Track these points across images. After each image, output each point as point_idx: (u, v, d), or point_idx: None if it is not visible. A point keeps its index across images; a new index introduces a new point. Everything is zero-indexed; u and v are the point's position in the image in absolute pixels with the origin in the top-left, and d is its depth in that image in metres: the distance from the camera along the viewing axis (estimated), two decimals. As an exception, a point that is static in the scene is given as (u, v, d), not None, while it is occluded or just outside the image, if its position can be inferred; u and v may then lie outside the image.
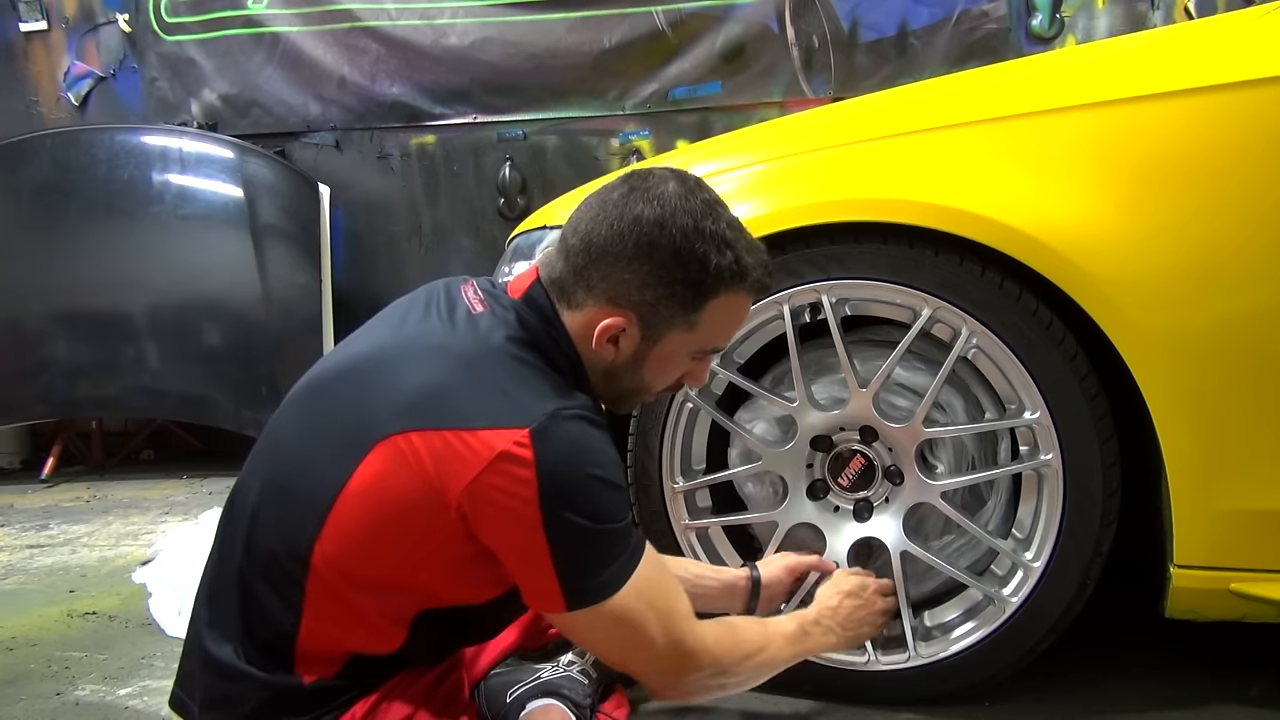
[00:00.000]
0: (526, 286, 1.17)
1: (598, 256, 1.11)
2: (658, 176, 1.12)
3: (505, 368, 1.08)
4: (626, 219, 1.09)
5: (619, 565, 1.07)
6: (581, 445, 1.05)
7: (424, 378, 1.07)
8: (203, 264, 3.50)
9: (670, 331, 1.14)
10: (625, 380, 1.18)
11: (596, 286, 1.12)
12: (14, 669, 1.84)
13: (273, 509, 1.12)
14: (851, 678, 1.52)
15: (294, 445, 1.14)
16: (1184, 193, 1.30)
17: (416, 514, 1.05)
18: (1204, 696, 1.50)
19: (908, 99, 1.68)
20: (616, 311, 1.12)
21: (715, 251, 1.09)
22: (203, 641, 1.13)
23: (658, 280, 1.10)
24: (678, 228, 1.08)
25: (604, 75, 3.63)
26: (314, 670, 1.11)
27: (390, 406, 1.06)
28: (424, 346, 1.12)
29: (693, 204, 1.10)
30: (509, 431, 1.01)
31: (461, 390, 1.05)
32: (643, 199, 1.10)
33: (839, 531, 1.53)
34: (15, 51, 4.01)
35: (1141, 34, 2.72)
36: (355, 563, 1.08)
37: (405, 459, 1.04)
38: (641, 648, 1.10)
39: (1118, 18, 3.40)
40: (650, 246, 1.09)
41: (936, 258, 1.40)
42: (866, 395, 1.47)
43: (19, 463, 3.89)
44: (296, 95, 3.85)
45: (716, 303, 1.13)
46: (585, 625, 1.09)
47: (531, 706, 1.29)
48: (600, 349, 1.14)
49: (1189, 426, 1.29)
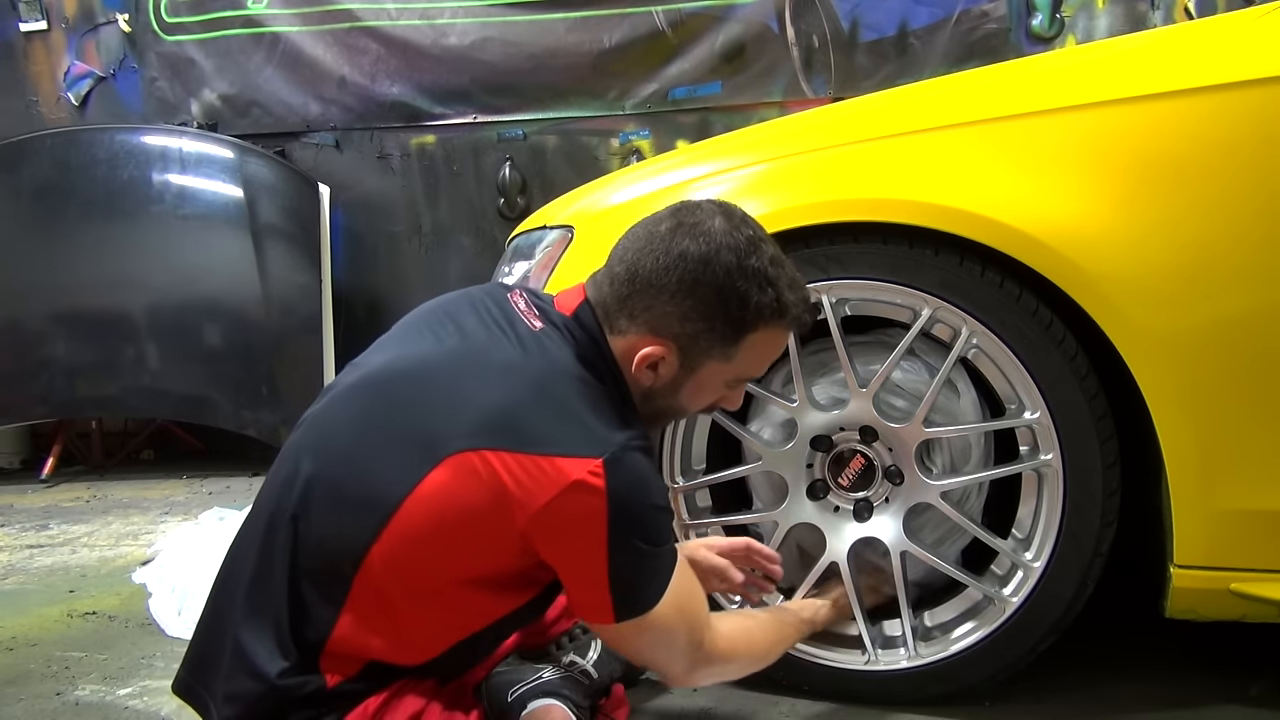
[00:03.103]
0: (575, 306, 1.21)
1: (642, 287, 1.15)
2: (705, 211, 1.16)
3: (575, 392, 1.12)
4: (673, 254, 1.13)
5: (661, 580, 1.14)
6: (645, 477, 1.11)
7: (498, 398, 1.10)
8: (203, 264, 3.50)
9: (708, 361, 1.18)
10: (661, 402, 1.23)
11: (639, 316, 1.16)
12: (14, 669, 1.84)
13: (328, 506, 1.12)
14: (851, 678, 1.52)
15: (352, 444, 1.15)
16: (1184, 192, 1.30)
17: (479, 526, 1.09)
18: (1204, 696, 1.50)
19: (907, 99, 1.68)
20: (657, 341, 1.16)
21: (757, 290, 1.13)
22: (238, 633, 1.13)
23: (699, 315, 1.14)
24: (721, 265, 1.12)
25: (604, 75, 3.63)
26: (338, 671, 1.13)
27: (464, 422, 1.09)
28: (495, 364, 1.14)
29: (737, 240, 1.13)
30: (584, 461, 1.06)
31: (536, 414, 1.10)
32: (689, 234, 1.13)
33: (839, 531, 1.53)
34: (15, 51, 4.01)
35: (1141, 34, 2.72)
36: (408, 566, 1.10)
37: (478, 475, 1.07)
38: (668, 649, 1.18)
39: (1118, 18, 3.41)
40: (694, 283, 1.13)
41: (936, 258, 1.40)
42: (866, 395, 1.47)
43: (19, 463, 3.89)
44: (296, 95, 3.85)
45: (755, 337, 1.17)
46: (626, 634, 1.15)
47: (532, 706, 1.29)
48: (639, 374, 1.18)
49: (1189, 426, 1.29)
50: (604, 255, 1.23)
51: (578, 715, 1.31)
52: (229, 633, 1.14)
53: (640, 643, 1.17)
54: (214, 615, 1.19)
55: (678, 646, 1.18)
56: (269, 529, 1.15)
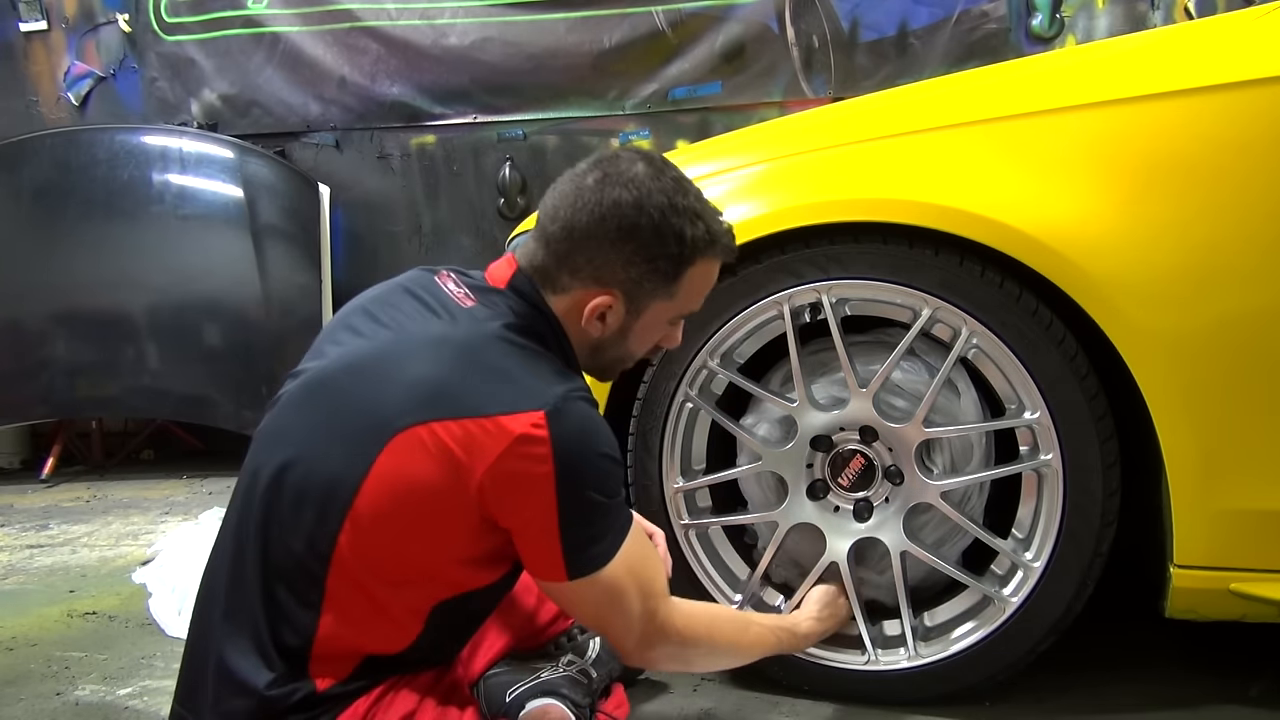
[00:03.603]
0: (509, 277, 1.23)
1: (581, 241, 1.17)
2: (626, 160, 1.19)
3: (507, 354, 1.14)
4: (606, 204, 1.16)
5: (614, 536, 1.15)
6: (590, 425, 1.12)
7: (432, 369, 1.12)
8: (203, 264, 3.49)
9: (653, 302, 1.21)
10: (611, 351, 1.26)
11: (582, 270, 1.18)
12: (14, 669, 1.84)
13: (290, 512, 1.13)
14: (851, 678, 1.52)
15: (304, 444, 1.15)
16: (1184, 193, 1.30)
17: (439, 499, 1.10)
18: (1204, 696, 1.50)
19: (907, 99, 1.68)
20: (603, 291, 1.19)
21: (689, 225, 1.17)
22: (220, 653, 1.13)
23: (641, 258, 1.17)
24: (655, 207, 1.15)
25: (604, 75, 3.63)
26: (328, 674, 1.13)
27: (404, 400, 1.11)
28: (426, 339, 1.16)
29: (664, 183, 1.17)
30: (525, 415, 1.07)
31: (471, 378, 1.11)
32: (618, 183, 1.16)
33: (839, 531, 1.53)
34: (15, 51, 4.00)
35: (1141, 34, 2.72)
36: (377, 552, 1.11)
37: (426, 449, 1.08)
38: (619, 614, 1.17)
39: (1118, 18, 3.40)
40: (633, 228, 1.16)
41: (936, 258, 1.40)
42: (866, 395, 1.47)
43: (19, 463, 3.89)
44: (296, 95, 3.84)
45: (693, 270, 1.20)
46: (578, 594, 1.15)
47: (531, 706, 1.29)
48: (589, 326, 1.21)
49: (1189, 426, 1.29)
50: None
51: (577, 715, 1.31)
52: (211, 654, 1.14)
53: (592, 603, 1.17)
54: (196, 640, 1.19)
55: (631, 612, 1.17)
56: (237, 546, 1.15)
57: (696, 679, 1.63)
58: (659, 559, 1.24)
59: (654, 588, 1.20)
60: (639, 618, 1.18)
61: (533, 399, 1.09)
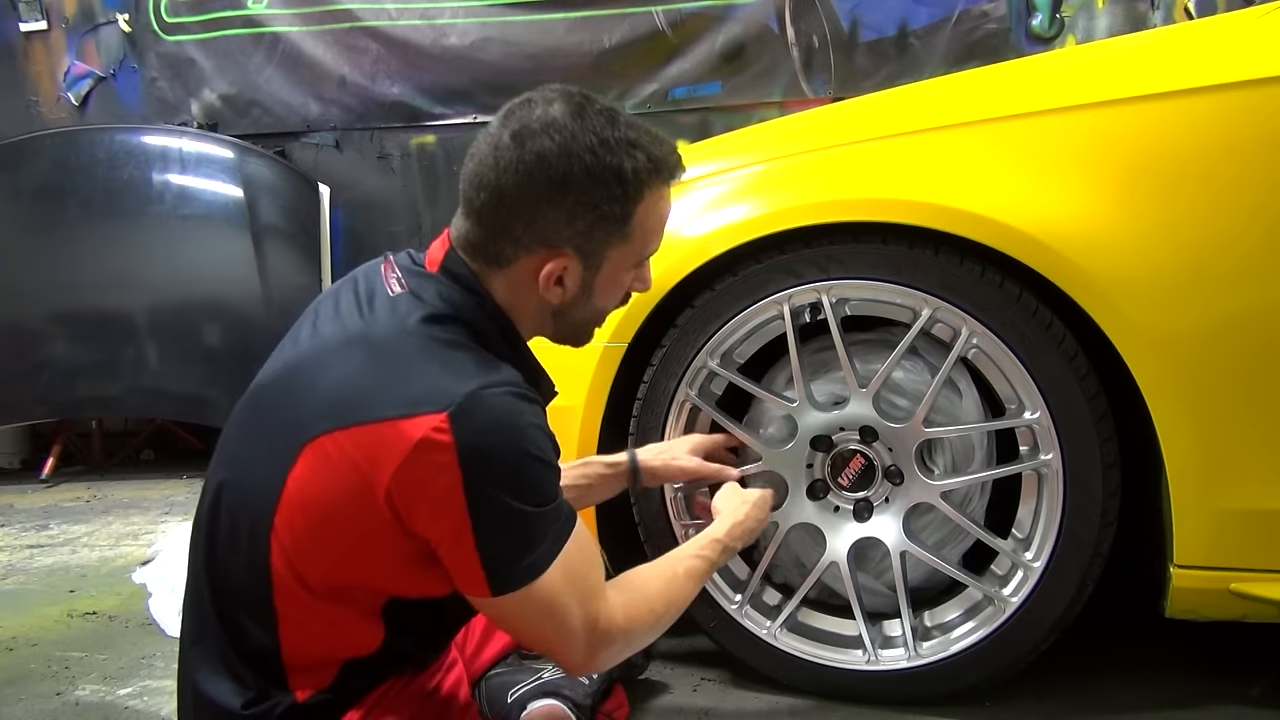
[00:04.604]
0: (442, 257, 1.12)
1: (514, 206, 1.06)
2: (540, 103, 1.08)
3: (422, 350, 1.03)
4: (530, 160, 1.04)
5: (547, 546, 1.03)
6: (505, 421, 1.00)
7: (342, 374, 1.04)
8: (203, 264, 3.49)
9: (609, 251, 1.11)
10: (578, 313, 1.15)
11: (524, 236, 1.07)
12: (14, 669, 1.84)
13: (226, 532, 1.09)
14: (851, 678, 1.52)
15: (236, 463, 1.11)
16: (1184, 192, 1.30)
17: (350, 514, 1.02)
18: (1204, 696, 1.50)
19: (907, 99, 1.68)
20: (553, 253, 1.08)
21: (627, 158, 1.06)
22: (195, 683, 1.10)
23: (584, 207, 1.06)
24: (583, 149, 1.04)
25: (604, 75, 3.63)
26: (308, 684, 1.08)
27: (313, 409, 1.03)
28: (343, 341, 1.08)
29: (588, 120, 1.05)
30: (426, 418, 0.97)
31: (375, 381, 1.02)
32: (538, 133, 1.05)
33: (839, 531, 1.53)
34: (15, 51, 4.01)
35: (1141, 34, 2.72)
36: (308, 571, 1.05)
37: (331, 460, 1.01)
38: (560, 631, 1.06)
39: (1118, 18, 3.40)
40: (566, 177, 1.04)
41: (936, 258, 1.40)
42: (867, 395, 1.47)
43: (19, 463, 3.89)
44: (296, 95, 3.84)
45: (642, 206, 1.09)
46: (509, 610, 1.04)
47: (532, 707, 1.29)
48: (548, 293, 1.10)
49: (1189, 426, 1.29)
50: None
51: (577, 715, 1.31)
52: (188, 683, 1.11)
53: (526, 621, 1.05)
54: (179, 676, 1.15)
55: (571, 626, 1.05)
56: (192, 570, 1.12)
57: (697, 679, 1.63)
58: (598, 557, 1.12)
59: (594, 591, 1.08)
60: (581, 629, 1.06)
61: (436, 400, 0.98)
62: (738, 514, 1.37)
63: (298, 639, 1.07)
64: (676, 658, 1.69)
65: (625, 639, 1.12)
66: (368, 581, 1.07)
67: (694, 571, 1.26)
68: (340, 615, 1.07)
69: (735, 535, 1.34)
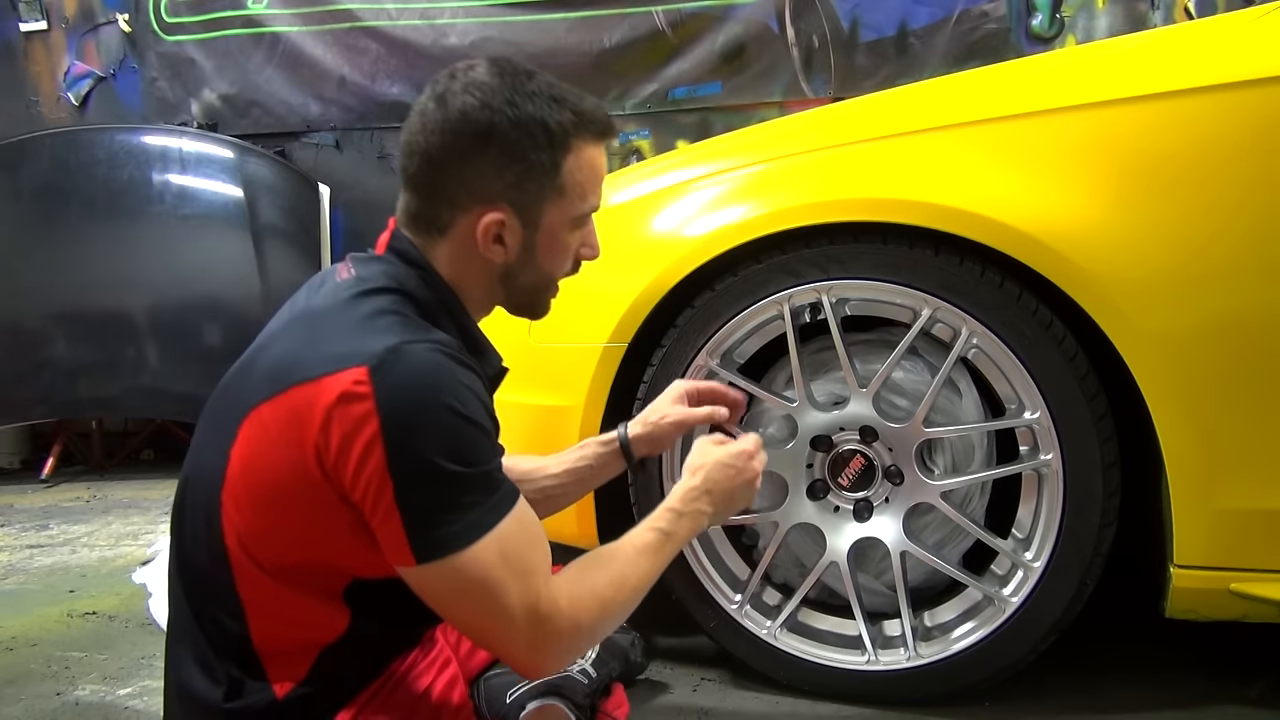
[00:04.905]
0: (387, 239, 1.15)
1: (443, 165, 1.08)
2: (464, 69, 1.10)
3: (356, 316, 1.03)
4: (453, 118, 1.07)
5: (477, 515, 0.98)
6: (429, 375, 0.98)
7: (279, 349, 1.06)
8: (203, 264, 3.49)
9: (544, 205, 1.11)
10: (525, 276, 1.15)
11: (458, 195, 1.09)
12: (14, 669, 1.84)
13: (190, 525, 1.10)
14: (852, 678, 1.52)
15: (194, 456, 1.12)
16: (1184, 192, 1.30)
17: (289, 484, 1.01)
18: (1204, 696, 1.50)
19: (907, 99, 1.68)
20: (487, 209, 1.09)
21: (550, 110, 1.08)
22: (178, 682, 1.11)
23: (510, 157, 1.07)
24: (503, 102, 1.06)
25: (604, 75, 3.63)
26: (285, 676, 1.07)
27: (253, 385, 1.05)
28: (284, 324, 1.11)
29: (508, 79, 1.08)
30: (347, 372, 0.96)
31: (308, 346, 1.02)
32: (460, 93, 1.07)
33: (839, 531, 1.53)
34: (15, 51, 4.01)
35: (1141, 34, 2.72)
36: (261, 552, 1.05)
37: (267, 430, 1.01)
38: (497, 613, 0.99)
39: (1118, 18, 3.40)
40: (489, 128, 1.06)
41: (936, 258, 1.40)
42: (867, 395, 1.47)
43: (19, 463, 3.89)
44: (296, 95, 3.85)
45: (572, 159, 1.10)
46: (436, 584, 0.99)
47: (531, 707, 1.29)
48: (489, 253, 1.11)
49: (1189, 426, 1.29)
50: (604, 256, 1.22)
51: (577, 715, 1.31)
52: (172, 685, 1.12)
53: (457, 598, 0.99)
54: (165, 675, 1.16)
55: (508, 608, 0.99)
56: (170, 573, 1.14)
57: (697, 679, 1.63)
58: (543, 540, 1.06)
59: (534, 571, 1.01)
60: (521, 613, 0.99)
61: (358, 355, 0.97)
62: (695, 477, 1.21)
63: (265, 626, 1.07)
64: (676, 658, 1.69)
65: (573, 627, 1.03)
66: (319, 557, 1.04)
67: (647, 546, 1.14)
68: (303, 598, 1.05)
69: (692, 498, 1.19)
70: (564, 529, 1.66)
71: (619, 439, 1.41)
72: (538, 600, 1.00)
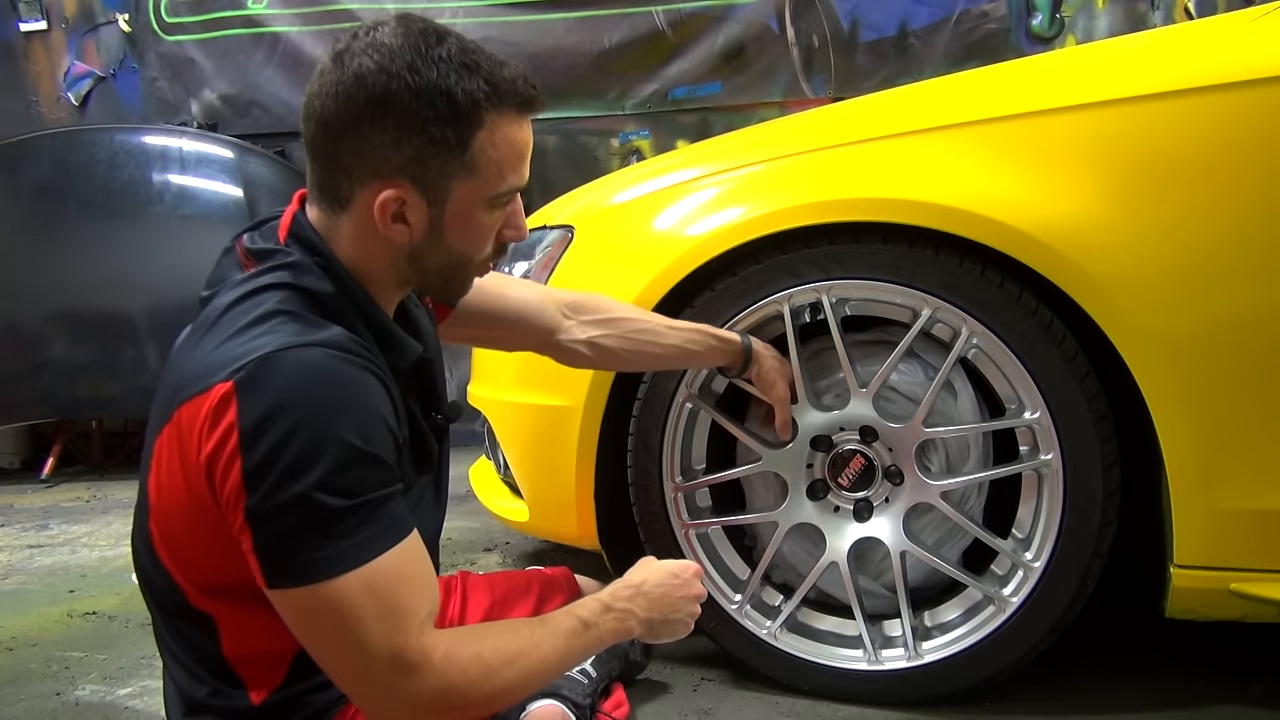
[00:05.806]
0: (289, 221, 1.05)
1: (338, 134, 0.97)
2: (370, 25, 0.99)
3: (236, 321, 0.96)
4: (349, 80, 0.95)
5: (346, 547, 0.90)
6: (299, 387, 0.90)
7: (175, 369, 1.02)
8: (203, 264, 3.41)
9: (450, 184, 0.99)
10: (434, 257, 1.04)
11: (355, 168, 0.98)
12: (14, 669, 1.84)
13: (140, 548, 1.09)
14: (851, 677, 1.52)
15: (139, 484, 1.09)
16: (1185, 192, 1.30)
17: (190, 508, 0.96)
18: (1204, 696, 1.50)
19: (907, 99, 1.68)
20: (385, 184, 0.98)
21: (458, 78, 0.96)
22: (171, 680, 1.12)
23: (409, 129, 0.96)
24: (404, 65, 0.95)
25: (604, 75, 3.63)
26: (261, 684, 1.05)
27: (157, 412, 1.01)
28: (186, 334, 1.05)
29: (412, 40, 0.96)
30: (217, 387, 0.90)
31: (193, 363, 0.96)
32: (360, 54, 0.96)
33: (839, 531, 1.53)
34: (15, 51, 4.01)
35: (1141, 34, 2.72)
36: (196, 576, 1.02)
37: (167, 458, 0.97)
38: (355, 652, 0.91)
39: (1118, 18, 3.41)
40: (385, 95, 0.95)
41: (936, 258, 1.40)
42: (866, 395, 1.47)
43: (19, 463, 3.89)
44: (296, 95, 3.81)
45: (484, 134, 0.98)
46: (290, 612, 0.93)
47: (531, 707, 1.29)
48: (390, 232, 1.00)
49: (1189, 426, 1.29)
50: (605, 255, 1.23)
51: (577, 715, 1.31)
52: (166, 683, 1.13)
53: (312, 630, 0.92)
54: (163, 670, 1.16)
55: (369, 648, 0.90)
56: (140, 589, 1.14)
57: (697, 679, 1.63)
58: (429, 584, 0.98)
59: (406, 611, 0.92)
60: (383, 656, 0.91)
61: (229, 367, 0.90)
62: (633, 576, 1.17)
63: (233, 637, 1.04)
64: (676, 658, 1.69)
65: (442, 686, 0.94)
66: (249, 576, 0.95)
67: (560, 630, 1.06)
68: (259, 611, 0.98)
69: (625, 596, 1.13)
70: (564, 529, 1.66)
71: (743, 344, 1.46)
72: (404, 647, 0.92)
